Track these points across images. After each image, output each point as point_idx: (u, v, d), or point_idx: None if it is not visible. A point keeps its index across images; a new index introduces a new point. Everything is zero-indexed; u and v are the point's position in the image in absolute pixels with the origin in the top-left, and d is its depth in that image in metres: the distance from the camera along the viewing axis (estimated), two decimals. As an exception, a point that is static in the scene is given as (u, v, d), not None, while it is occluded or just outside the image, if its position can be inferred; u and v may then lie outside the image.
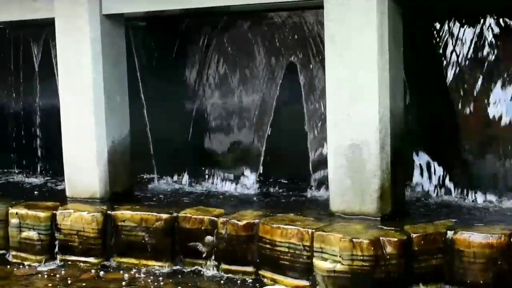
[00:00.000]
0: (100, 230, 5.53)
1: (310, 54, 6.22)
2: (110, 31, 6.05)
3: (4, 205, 5.94)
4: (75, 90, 6.05)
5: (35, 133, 7.63)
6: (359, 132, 4.99)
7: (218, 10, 6.01)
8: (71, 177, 6.15)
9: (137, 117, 6.56)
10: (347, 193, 5.07)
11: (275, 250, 4.88)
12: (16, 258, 5.78)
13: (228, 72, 6.66)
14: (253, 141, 6.59)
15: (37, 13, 6.23)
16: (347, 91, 5.01)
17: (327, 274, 4.58)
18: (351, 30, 4.96)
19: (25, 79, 7.70)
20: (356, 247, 4.49)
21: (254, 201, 5.99)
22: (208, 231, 5.20)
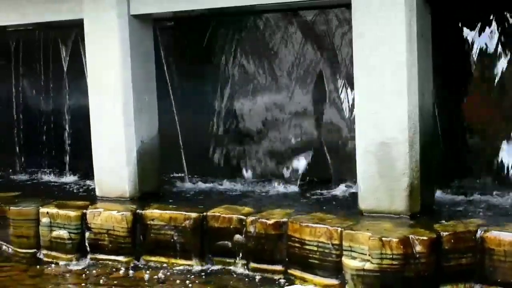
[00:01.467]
0: (130, 229, 5.57)
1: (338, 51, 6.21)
2: (138, 31, 6.09)
3: (35, 204, 6.01)
4: (104, 90, 6.10)
5: (65, 133, 7.68)
6: (388, 130, 4.98)
7: (245, 9, 6.02)
8: (100, 176, 6.20)
9: (166, 116, 6.60)
10: (376, 191, 5.06)
11: (304, 249, 4.88)
12: (47, 257, 5.84)
13: (256, 70, 6.66)
14: (284, 139, 6.58)
15: (66, 15, 6.30)
16: (376, 89, 5.00)
17: (356, 272, 4.57)
18: (379, 27, 4.96)
19: (54, 80, 7.75)
20: (385, 245, 4.48)
21: (285, 200, 5.98)
22: (237, 229, 5.22)
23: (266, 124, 6.66)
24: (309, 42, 6.35)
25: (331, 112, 6.34)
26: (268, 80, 6.61)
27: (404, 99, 4.92)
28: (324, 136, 6.39)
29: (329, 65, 6.29)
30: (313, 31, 6.33)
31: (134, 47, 6.03)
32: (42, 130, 7.92)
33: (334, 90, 6.30)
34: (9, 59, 8.05)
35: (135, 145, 6.08)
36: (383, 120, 4.98)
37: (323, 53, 6.30)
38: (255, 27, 6.59)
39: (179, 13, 6.15)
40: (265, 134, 6.68)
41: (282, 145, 6.60)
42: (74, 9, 6.21)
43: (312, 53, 6.35)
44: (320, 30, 6.29)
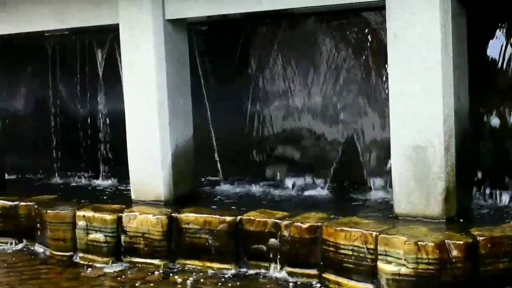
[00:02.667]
0: (165, 233, 5.60)
1: (373, 54, 6.19)
2: (173, 35, 6.12)
3: (72, 207, 6.07)
4: (140, 94, 6.15)
5: (101, 137, 7.75)
6: (423, 133, 4.95)
7: (280, 12, 6.02)
8: (136, 180, 6.24)
9: (200, 120, 6.63)
10: (412, 195, 5.03)
11: (339, 253, 4.87)
12: (83, 260, 5.89)
13: (291, 74, 6.66)
14: (318, 142, 6.57)
15: (102, 20, 6.36)
16: (411, 91, 4.98)
17: (391, 277, 4.55)
18: (414, 29, 4.93)
19: (90, 84, 7.83)
20: (421, 250, 4.46)
21: (320, 204, 5.98)
22: (271, 233, 5.22)
23: (300, 127, 6.65)
24: (343, 45, 6.34)
25: (364, 115, 6.31)
26: (303, 83, 6.61)
27: (439, 101, 4.89)
28: (358, 139, 6.36)
29: (363, 68, 6.27)
30: (347, 34, 6.31)
31: (169, 51, 6.07)
32: (78, 134, 7.99)
33: (369, 94, 6.27)
34: (46, 64, 8.14)
35: (170, 148, 6.11)
36: (418, 123, 4.96)
37: (358, 56, 6.27)
38: (289, 31, 6.59)
39: (213, 18, 6.18)
40: (299, 138, 6.67)
41: (316, 148, 6.59)
42: (110, 14, 6.26)
43: (347, 56, 6.34)
44: (355, 33, 6.27)
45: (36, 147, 8.30)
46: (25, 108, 8.49)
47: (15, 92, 8.48)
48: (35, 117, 8.38)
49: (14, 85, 8.45)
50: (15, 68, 8.37)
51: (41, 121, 8.25)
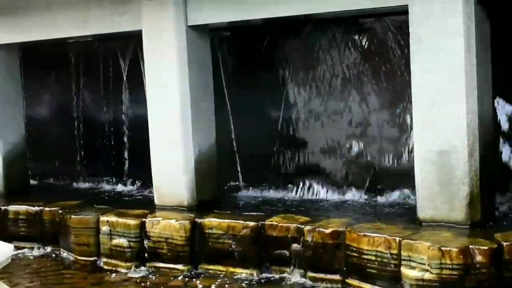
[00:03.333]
0: (188, 238, 5.63)
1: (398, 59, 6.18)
2: (196, 41, 6.15)
3: (95, 213, 6.11)
4: (162, 99, 6.18)
5: (124, 142, 7.79)
6: (447, 138, 4.93)
7: (302, 18, 6.03)
8: (159, 185, 6.27)
9: (222, 125, 6.64)
10: (435, 200, 5.01)
11: (362, 258, 4.87)
12: (107, 264, 5.93)
13: (314, 79, 6.66)
14: (340, 147, 6.57)
15: (125, 26, 6.40)
16: (434, 96, 4.97)
17: (415, 282, 4.54)
18: (437, 34, 4.92)
19: (113, 90, 7.88)
20: (445, 255, 4.44)
21: (341, 209, 5.98)
22: (294, 239, 5.23)
23: (323, 133, 6.65)
24: (367, 49, 6.33)
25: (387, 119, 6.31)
26: (326, 88, 6.60)
27: (463, 106, 4.87)
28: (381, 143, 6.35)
29: (388, 73, 6.26)
30: (371, 38, 6.31)
31: (191, 56, 6.10)
32: (102, 140, 8.04)
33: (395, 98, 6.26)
34: (70, 70, 8.21)
35: (193, 153, 6.13)
36: (442, 128, 4.94)
37: (382, 60, 6.26)
38: (312, 36, 6.60)
39: (235, 23, 6.21)
40: (321, 143, 6.66)
41: (338, 153, 6.58)
42: (133, 21, 6.31)
43: (370, 60, 6.33)
44: (378, 37, 6.26)
45: (60, 152, 8.37)
46: (49, 114, 8.56)
47: (39, 98, 8.56)
48: (59, 123, 8.45)
49: (38, 92, 8.53)
50: (39, 75, 8.45)
51: (65, 127, 8.32)
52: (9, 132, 7.50)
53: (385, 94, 6.30)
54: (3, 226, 6.69)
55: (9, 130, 7.49)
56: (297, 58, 6.71)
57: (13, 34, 7.20)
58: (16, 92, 7.59)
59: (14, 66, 7.56)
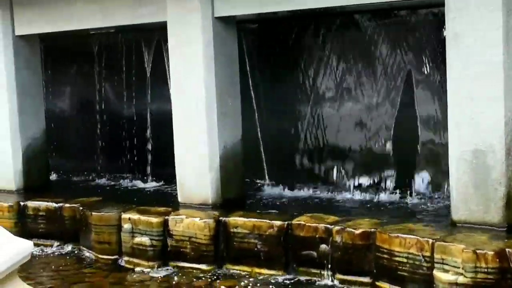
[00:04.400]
0: (212, 237, 5.64)
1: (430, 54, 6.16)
2: (222, 34, 6.16)
3: (117, 210, 6.14)
4: (187, 94, 6.20)
5: (147, 138, 7.83)
6: (483, 137, 4.90)
7: (333, 11, 6.03)
8: (183, 182, 6.29)
9: (248, 121, 6.65)
10: (470, 201, 4.99)
11: (393, 260, 4.86)
12: (128, 263, 5.95)
13: (343, 74, 6.66)
14: (369, 145, 6.56)
15: (150, 17, 6.43)
16: (470, 93, 4.93)
17: (448, 286, 4.52)
18: (474, 28, 4.89)
19: (136, 84, 7.92)
20: (480, 258, 4.42)
21: (371, 208, 5.97)
22: (322, 239, 5.22)
23: (352, 129, 6.64)
24: (400, 44, 6.31)
25: (421, 117, 6.29)
26: (356, 84, 6.59)
27: (500, 104, 4.84)
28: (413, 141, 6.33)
29: (421, 68, 6.24)
30: (404, 32, 6.29)
31: (217, 49, 6.11)
32: (124, 135, 8.10)
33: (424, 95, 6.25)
34: (92, 63, 8.26)
35: (218, 150, 6.14)
36: (478, 126, 4.91)
37: (415, 54, 6.24)
38: (343, 29, 6.59)
39: (263, 15, 6.21)
40: (349, 141, 6.66)
41: (367, 151, 6.58)
42: (157, 12, 6.33)
43: (404, 55, 6.31)
44: (412, 31, 6.24)
45: (81, 148, 8.44)
46: (70, 109, 8.64)
47: (60, 92, 8.64)
48: (80, 117, 8.52)
49: (59, 85, 8.60)
50: (60, 67, 8.52)
51: (86, 122, 8.39)
52: (29, 127, 7.55)
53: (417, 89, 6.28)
54: (23, 222, 6.74)
55: (29, 124, 7.54)
56: (326, 52, 6.71)
57: (34, 25, 7.26)
58: (36, 85, 7.64)
59: (35, 58, 7.61)
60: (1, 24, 7.34)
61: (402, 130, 6.40)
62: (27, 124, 7.52)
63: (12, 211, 6.78)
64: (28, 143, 7.54)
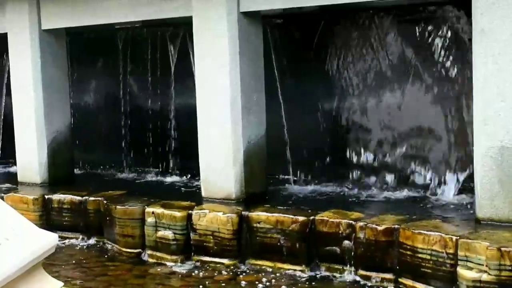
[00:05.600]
0: (235, 231, 5.66)
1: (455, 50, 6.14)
2: (247, 29, 6.18)
3: (141, 204, 6.18)
4: (212, 89, 6.23)
5: (172, 132, 7.87)
6: (510, 134, 4.88)
7: (360, 5, 6.01)
8: (206, 177, 6.33)
9: (273, 116, 6.66)
10: (495, 199, 4.98)
11: (416, 257, 4.86)
12: (151, 257, 5.99)
13: (368, 70, 6.65)
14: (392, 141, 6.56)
15: (175, 12, 6.46)
16: (497, 89, 4.92)
17: (472, 284, 4.51)
18: (502, 24, 4.87)
19: (161, 78, 7.96)
20: (504, 256, 4.40)
21: (396, 205, 5.96)
22: (345, 235, 5.23)
23: (378, 126, 6.64)
24: (423, 41, 6.30)
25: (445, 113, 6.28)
26: (380, 79, 6.59)
27: (526, 99, 4.83)
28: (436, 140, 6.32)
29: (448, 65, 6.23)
30: (427, 29, 6.27)
31: (243, 45, 6.13)
32: (148, 129, 8.14)
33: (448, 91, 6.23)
34: (117, 57, 8.31)
35: (242, 145, 6.17)
36: (505, 122, 4.90)
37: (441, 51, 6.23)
38: (368, 25, 6.58)
39: (288, 10, 6.22)
40: (377, 136, 6.66)
41: (394, 148, 6.57)
42: (183, 7, 6.37)
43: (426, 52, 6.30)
44: (436, 27, 6.22)
45: (106, 142, 8.49)
46: (95, 103, 8.70)
47: (85, 86, 8.70)
48: (105, 111, 8.58)
49: (84, 80, 8.66)
50: (86, 61, 8.57)
51: (111, 116, 8.44)
52: (55, 120, 7.62)
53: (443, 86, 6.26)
54: (47, 215, 6.82)
55: (55, 118, 7.61)
56: (352, 47, 6.70)
57: (60, 19, 7.33)
58: (62, 79, 7.70)
59: (61, 52, 7.67)
60: (28, 18, 7.42)
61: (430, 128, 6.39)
62: (52, 118, 7.58)
63: (37, 204, 6.85)
64: (53, 137, 7.61)
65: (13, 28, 7.57)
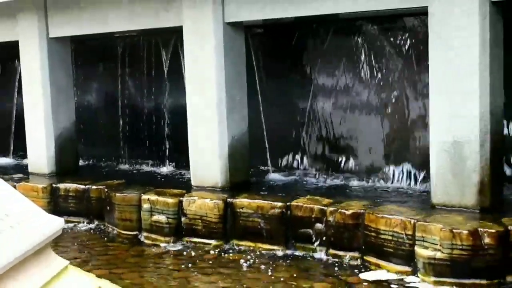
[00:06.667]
0: (221, 216, 5.67)
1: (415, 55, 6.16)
2: (232, 37, 6.17)
3: (138, 192, 6.17)
4: (200, 90, 6.21)
5: (165, 128, 7.84)
6: (461, 130, 4.93)
7: (329, 17, 6.02)
8: (195, 168, 6.32)
9: (253, 114, 6.67)
10: (448, 187, 5.01)
11: (379, 238, 4.89)
12: (147, 239, 5.99)
13: (339, 73, 6.66)
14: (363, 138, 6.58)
15: (168, 22, 6.43)
16: (449, 91, 4.96)
17: (428, 261, 4.56)
18: (455, 33, 4.90)
19: (155, 80, 7.93)
20: (456, 237, 4.45)
21: (362, 192, 5.98)
22: (318, 219, 5.25)
23: (346, 121, 6.66)
24: (388, 47, 6.32)
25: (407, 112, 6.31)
26: (349, 82, 6.60)
27: (476, 100, 4.86)
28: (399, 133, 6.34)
29: (405, 68, 6.25)
30: (391, 36, 6.29)
31: (227, 51, 6.12)
32: (144, 125, 8.11)
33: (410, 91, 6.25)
34: (116, 62, 8.27)
35: (227, 140, 6.16)
36: (456, 120, 4.93)
37: (401, 56, 6.25)
38: (339, 33, 6.59)
39: (268, 21, 6.22)
40: (345, 132, 6.67)
41: (360, 142, 6.59)
42: (175, 18, 6.34)
43: (390, 57, 6.32)
44: (397, 35, 6.25)
45: (106, 137, 8.45)
46: (97, 102, 8.65)
47: (88, 87, 8.65)
48: (105, 110, 8.53)
49: (87, 82, 8.62)
50: (89, 66, 8.53)
51: (111, 114, 8.40)
52: (61, 118, 7.58)
53: (403, 87, 6.29)
54: (55, 202, 6.80)
55: (61, 116, 7.58)
56: (322, 53, 6.71)
57: (66, 28, 7.29)
58: (67, 81, 7.66)
59: (66, 58, 7.64)
60: (38, 27, 7.37)
61: (391, 123, 6.41)
62: (59, 116, 7.55)
63: (46, 192, 6.82)
64: (60, 133, 7.58)
65: (24, 36, 7.52)
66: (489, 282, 4.43)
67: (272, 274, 4.95)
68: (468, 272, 4.44)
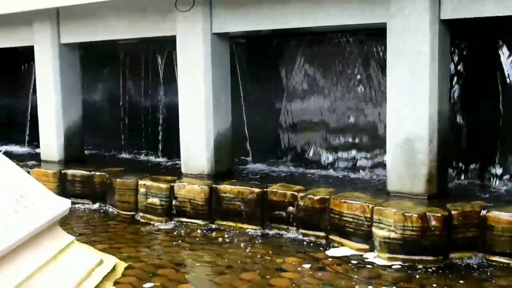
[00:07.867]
0: (207, 199, 5.66)
1: (373, 66, 6.19)
2: (218, 46, 6.15)
3: (135, 177, 6.14)
4: (191, 92, 6.19)
5: (159, 124, 7.81)
6: (413, 128, 4.96)
7: (302, 30, 6.04)
8: (185, 158, 6.30)
9: (237, 112, 6.67)
10: (402, 177, 5.04)
11: (342, 220, 4.91)
12: (143, 218, 5.97)
13: (310, 78, 6.67)
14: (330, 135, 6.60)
15: (164, 32, 6.39)
16: (403, 94, 4.99)
17: (383, 240, 4.59)
18: (409, 46, 4.92)
19: (152, 82, 7.90)
20: (407, 219, 4.48)
21: (327, 180, 5.99)
22: (290, 203, 5.26)
23: (316, 120, 6.67)
24: (353, 56, 6.34)
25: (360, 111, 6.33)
26: (319, 86, 6.62)
27: (426, 103, 4.89)
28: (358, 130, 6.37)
29: (368, 76, 6.27)
30: (355, 47, 6.31)
31: (214, 58, 6.10)
32: (142, 121, 8.07)
33: (371, 95, 6.28)
34: (119, 66, 8.23)
35: (213, 134, 6.15)
36: (409, 119, 4.96)
37: (366, 64, 6.27)
38: (311, 44, 6.60)
39: (250, 32, 6.21)
40: (315, 128, 6.69)
41: (325, 138, 6.61)
42: (170, 28, 6.30)
43: (353, 65, 6.34)
44: (361, 47, 6.27)
45: (109, 130, 8.41)
46: (101, 100, 8.60)
47: (94, 87, 8.60)
48: (108, 107, 8.49)
49: (93, 82, 8.56)
50: (95, 69, 8.47)
51: (113, 110, 8.36)
52: (70, 113, 7.51)
53: (364, 92, 6.31)
54: (63, 186, 6.75)
55: (70, 111, 7.51)
56: (297, 61, 6.72)
57: (75, 36, 7.22)
58: (76, 83, 7.59)
59: (75, 61, 7.57)
60: (50, 34, 7.30)
61: (353, 121, 6.43)
62: (68, 112, 7.48)
63: (55, 177, 6.77)
64: (69, 126, 7.52)
65: (39, 42, 7.45)
66: (434, 258, 4.47)
67: (250, 250, 4.95)
68: (417, 250, 4.47)
